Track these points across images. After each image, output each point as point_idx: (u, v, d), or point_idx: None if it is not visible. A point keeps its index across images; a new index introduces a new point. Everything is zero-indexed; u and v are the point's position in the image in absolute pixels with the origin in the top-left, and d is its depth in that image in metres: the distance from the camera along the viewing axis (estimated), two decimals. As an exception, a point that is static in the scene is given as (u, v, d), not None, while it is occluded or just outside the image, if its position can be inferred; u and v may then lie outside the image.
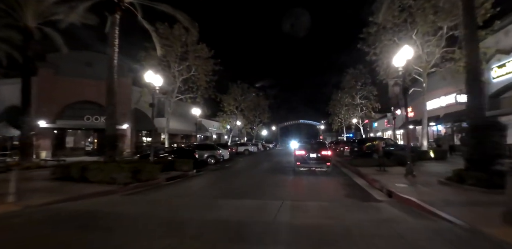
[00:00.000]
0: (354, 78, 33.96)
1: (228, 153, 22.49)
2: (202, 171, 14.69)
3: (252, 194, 7.93)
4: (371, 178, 9.89)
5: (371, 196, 7.48)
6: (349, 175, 12.00)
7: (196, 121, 27.28)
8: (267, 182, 10.29)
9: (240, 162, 20.24)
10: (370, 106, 32.58)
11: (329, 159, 12.63)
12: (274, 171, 13.89)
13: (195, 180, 11.65)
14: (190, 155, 15.38)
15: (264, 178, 11.45)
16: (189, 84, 21.97)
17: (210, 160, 18.22)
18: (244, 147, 31.67)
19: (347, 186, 9.12)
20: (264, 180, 10.89)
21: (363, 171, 11.80)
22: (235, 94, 37.58)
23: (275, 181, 10.43)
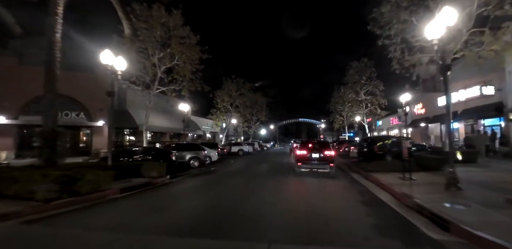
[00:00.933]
0: (358, 72, 31.15)
1: (218, 153, 19.68)
2: (179, 177, 11.90)
3: (224, 225, 5.05)
4: (398, 192, 7.09)
5: (415, 229, 4.64)
6: (364, 185, 9.19)
7: (184, 117, 24.52)
8: (256, 197, 7.49)
9: (230, 165, 17.43)
10: (376, 102, 29.78)
11: (332, 160, 11.60)
12: (267, 178, 11.07)
13: (160, 191, 8.82)
14: (164, 157, 12.56)
15: (253, 190, 8.65)
16: (173, 75, 19.12)
17: (193, 162, 15.41)
18: (238, 147, 28.87)
19: (368, 206, 6.29)
20: (252, 193, 8.10)
21: (381, 179, 9.02)
22: (229, 90, 34.75)
23: (266, 196, 7.62)
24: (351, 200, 6.88)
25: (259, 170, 14.53)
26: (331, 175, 11.18)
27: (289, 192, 8.41)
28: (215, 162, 18.28)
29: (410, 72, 16.42)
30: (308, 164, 11.73)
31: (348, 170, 13.20)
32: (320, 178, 10.37)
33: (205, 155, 15.94)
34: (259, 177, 11.20)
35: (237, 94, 35.16)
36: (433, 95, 25.06)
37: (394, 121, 36.50)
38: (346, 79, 31.98)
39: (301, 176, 11.31)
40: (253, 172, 13.64)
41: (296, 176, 11.32)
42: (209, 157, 17.74)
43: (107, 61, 10.09)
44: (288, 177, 11.27)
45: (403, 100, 21.48)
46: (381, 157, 14.69)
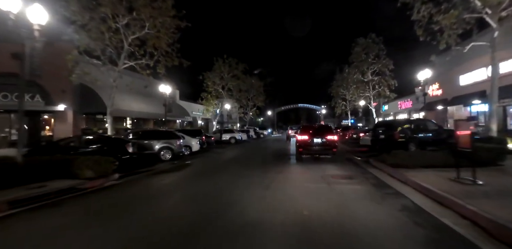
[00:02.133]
0: (364, 49, 27.55)
1: (202, 142, 16.48)
2: (136, 175, 8.74)
3: None
4: (480, 214, 3.85)
5: None
6: (399, 191, 5.91)
7: (166, 101, 21.20)
8: (233, 220, 4.26)
9: (213, 157, 14.27)
10: (385, 83, 26.32)
11: (335, 145, 11.23)
12: (257, 179, 7.82)
13: (80, 204, 5.61)
14: (117, 148, 9.31)
15: (232, 202, 5.39)
16: (145, 48, 15.63)
17: (165, 154, 12.20)
18: (229, 134, 25.65)
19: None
20: (230, 208, 4.86)
21: (424, 182, 5.81)
22: (220, 71, 31.17)
23: (249, 218, 4.39)
24: (397, 235, 3.63)
25: (248, 163, 11.33)
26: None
27: (287, 208, 5.14)
28: (197, 152, 15.09)
29: (438, 39, 13.07)
30: (309, 150, 11.20)
31: (364, 164, 9.99)
32: (332, 183, 7.13)
33: (181, 144, 12.69)
34: (246, 177, 7.96)
35: (230, 76, 31.59)
36: (452, 73, 21.65)
37: (403, 105, 33.12)
38: (351, 57, 28.41)
39: (305, 173, 8.18)
40: (240, 166, 10.45)
41: (298, 174, 8.17)
42: (189, 147, 14.53)
43: (7, 6, 6.64)
44: (287, 176, 8.08)
45: (422, 77, 18.15)
46: (403, 146, 11.48)
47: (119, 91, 20.31)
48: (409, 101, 31.36)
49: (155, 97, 26.08)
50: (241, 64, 31.71)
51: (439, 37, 12.97)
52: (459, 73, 20.74)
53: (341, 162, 10.79)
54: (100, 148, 9.10)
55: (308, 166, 9.96)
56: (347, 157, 12.22)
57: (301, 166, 10.07)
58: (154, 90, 24.05)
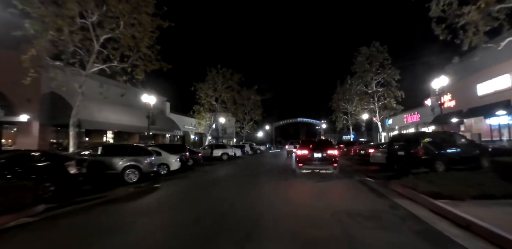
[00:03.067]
0: (368, 59, 25.71)
1: (184, 159, 14.08)
2: (75, 205, 6.30)
3: None
4: None
5: None
6: (467, 247, 3.49)
7: (149, 112, 19.02)
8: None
9: (193, 178, 11.81)
10: (391, 94, 24.20)
11: (336, 160, 10.83)
12: (237, 217, 5.38)
13: None
14: (55, 169, 6.90)
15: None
16: (122, 51, 13.56)
17: (130, 175, 9.74)
18: (221, 150, 23.18)
19: None
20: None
21: (505, 230, 3.40)
22: (214, 82, 29.13)
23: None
24: None
25: (233, 189, 8.91)
26: (334, 175, 10.50)
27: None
28: (176, 172, 12.61)
29: (460, 38, 11.03)
30: (309, 164, 10.98)
31: (385, 190, 7.53)
32: (350, 227, 4.68)
33: (152, 162, 10.25)
34: (222, 216, 5.50)
35: (224, 87, 29.51)
36: (468, 82, 19.59)
37: (409, 119, 30.89)
38: (354, 67, 26.48)
39: (307, 207, 5.77)
40: (219, 195, 7.99)
41: (297, 209, 5.74)
42: (166, 166, 12.11)
43: None
44: (281, 212, 5.65)
45: (437, 85, 16.01)
46: (429, 164, 9.12)
47: (96, 101, 18.15)
48: (416, 114, 29.18)
49: (141, 108, 23.90)
50: (236, 75, 29.73)
51: (462, 35, 10.85)
52: (476, 81, 18.67)
53: (353, 186, 8.40)
54: (28, 168, 6.68)
55: (311, 193, 7.58)
56: (358, 179, 9.80)
57: (301, 193, 7.69)
58: (139, 101, 21.87)
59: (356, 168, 13.42)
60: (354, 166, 14.49)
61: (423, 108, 27.52)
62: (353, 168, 13.47)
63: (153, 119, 19.18)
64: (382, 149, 12.48)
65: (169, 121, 28.63)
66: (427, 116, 26.29)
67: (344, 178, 10.15)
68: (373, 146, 15.01)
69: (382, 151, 12.16)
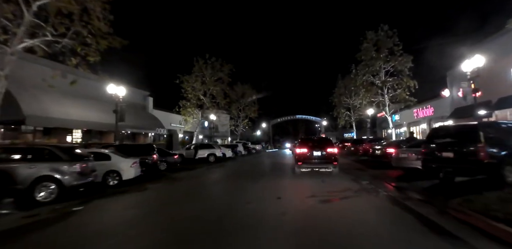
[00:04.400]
0: (375, 45, 22.44)
1: (149, 164, 10.85)
2: None
3: None
4: None
5: None
6: None
7: (117, 106, 15.85)
8: None
9: (150, 194, 8.55)
10: (404, 84, 20.95)
11: (336, 158, 10.46)
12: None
13: None
14: None
15: None
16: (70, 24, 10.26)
17: (41, 190, 6.47)
18: (207, 150, 19.90)
19: None
20: None
21: None
22: (202, 75, 25.82)
23: None
24: None
25: (206, 219, 5.67)
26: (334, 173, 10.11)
27: None
28: (134, 180, 9.35)
29: None
30: (309, 163, 10.62)
31: (449, 222, 4.26)
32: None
33: (78, 171, 6.96)
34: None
35: (213, 80, 26.21)
36: (498, 67, 16.36)
37: (421, 113, 27.68)
38: (360, 55, 23.20)
39: None
40: (190, 227, 4.75)
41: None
42: (116, 174, 8.87)
43: None
44: None
45: (470, 67, 12.80)
46: (494, 171, 5.93)
47: (55, 93, 14.96)
48: (429, 108, 25.99)
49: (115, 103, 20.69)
50: (226, 66, 26.42)
51: None
52: (510, 64, 15.49)
53: (388, 213, 5.19)
54: None
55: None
56: (387, 194, 6.58)
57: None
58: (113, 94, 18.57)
59: (373, 174, 10.20)
60: (368, 171, 11.28)
61: (438, 101, 24.34)
62: (370, 174, 10.26)
63: (122, 114, 15.86)
64: (410, 149, 9.26)
65: (151, 118, 25.34)
66: (443, 109, 23.09)
67: (364, 192, 6.93)
68: (392, 145, 11.78)
69: (411, 151, 8.95)
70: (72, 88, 16.52)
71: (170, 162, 13.80)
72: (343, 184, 8.24)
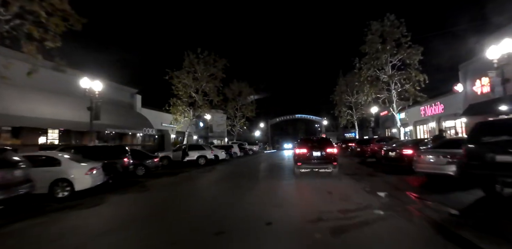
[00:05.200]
0: (381, 36, 20.59)
1: (117, 168, 8.95)
2: None
3: None
4: None
5: None
6: None
7: (92, 103, 14.07)
8: None
9: (105, 212, 6.62)
10: (413, 78, 19.06)
11: (335, 158, 10.33)
12: None
13: None
14: None
15: None
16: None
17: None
18: (197, 152, 17.97)
19: None
20: None
21: None
22: (193, 70, 23.91)
23: None
24: None
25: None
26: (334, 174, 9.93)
27: None
28: (95, 190, 7.43)
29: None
30: (308, 163, 10.46)
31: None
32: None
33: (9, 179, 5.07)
34: None
35: (206, 75, 24.29)
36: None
37: (428, 111, 25.82)
38: (364, 47, 21.32)
39: None
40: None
41: None
42: (67, 183, 6.95)
43: None
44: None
45: (496, 54, 10.95)
46: None
47: (21, 88, 13.17)
48: (438, 105, 24.11)
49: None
50: (220, 60, 24.51)
51: None
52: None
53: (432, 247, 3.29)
54: None
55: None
56: (421, 215, 4.68)
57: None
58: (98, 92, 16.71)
59: (389, 182, 8.29)
60: (382, 177, 9.37)
61: (448, 97, 22.42)
62: (385, 182, 8.33)
63: (97, 112, 13.98)
64: (439, 150, 7.38)
65: (139, 118, 23.44)
66: (454, 106, 21.19)
67: (390, 211, 5.01)
68: (410, 145, 9.89)
69: (441, 153, 7.07)
70: (46, 84, 14.66)
71: (150, 166, 11.88)
72: (356, 196, 6.36)
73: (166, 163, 17.05)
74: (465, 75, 20.21)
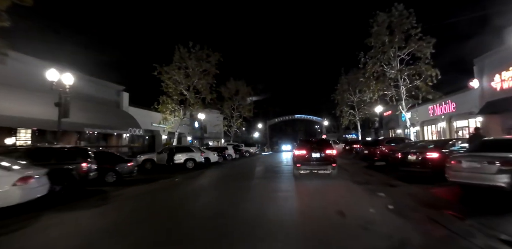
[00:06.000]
0: (388, 28, 18.82)
1: (74, 176, 7.08)
2: None
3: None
4: None
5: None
6: None
7: (61, 98, 12.29)
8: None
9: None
10: (426, 73, 17.23)
11: (334, 160, 10.48)
12: None
13: None
14: None
15: None
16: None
17: None
18: (185, 154, 16.06)
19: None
20: None
21: None
22: (185, 66, 22.08)
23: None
24: None
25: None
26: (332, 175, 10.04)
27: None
28: (11, 211, 5.55)
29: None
30: (307, 165, 10.58)
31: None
32: None
33: None
34: None
35: (198, 71, 22.47)
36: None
37: (438, 110, 23.92)
38: (369, 40, 19.53)
39: None
40: None
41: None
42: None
43: None
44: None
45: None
46: None
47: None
48: (449, 103, 22.18)
49: (78, 98, 17.07)
50: (214, 55, 22.69)
51: None
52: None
53: None
54: None
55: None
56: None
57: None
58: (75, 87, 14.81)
59: (416, 195, 6.42)
60: (404, 187, 7.50)
61: (461, 94, 20.51)
62: (411, 196, 6.45)
63: (66, 109, 12.09)
64: (484, 155, 5.53)
65: (125, 117, 21.57)
66: (468, 104, 19.34)
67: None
68: (435, 148, 8.05)
69: (488, 159, 5.24)
70: (14, 79, 12.96)
71: (122, 172, 10.02)
72: (379, 221, 4.51)
73: (149, 167, 15.22)
74: (481, 70, 18.38)
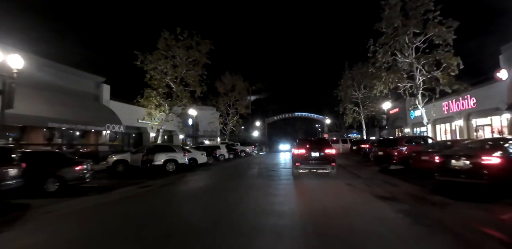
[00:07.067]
0: (402, 11, 16.38)
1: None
2: None
3: None
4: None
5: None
6: None
7: (4, 84, 9.97)
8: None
9: None
10: (448, 61, 14.79)
11: (334, 159, 10.54)
12: None
13: None
14: None
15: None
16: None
17: None
18: (165, 155, 13.63)
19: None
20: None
21: None
22: (171, 54, 19.66)
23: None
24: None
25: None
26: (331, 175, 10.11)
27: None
28: None
29: None
30: (307, 164, 10.63)
31: None
32: None
33: None
34: None
35: (187, 62, 20.06)
36: None
37: (454, 107, 21.47)
38: (380, 25, 17.09)
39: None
40: None
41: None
42: None
43: None
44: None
45: None
46: None
47: None
48: (467, 99, 19.69)
49: (48, 89, 14.67)
50: (204, 43, 20.26)
51: None
52: None
53: None
54: None
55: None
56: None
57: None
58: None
59: (481, 221, 4.08)
60: (458, 208, 5.14)
61: (482, 88, 18.02)
62: (471, 220, 4.11)
63: (10, 98, 9.70)
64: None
65: (104, 112, 19.21)
66: (491, 100, 16.89)
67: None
68: (490, 150, 5.66)
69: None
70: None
71: (66, 178, 7.64)
72: None
73: (121, 169, 12.83)
74: (509, 59, 15.98)
